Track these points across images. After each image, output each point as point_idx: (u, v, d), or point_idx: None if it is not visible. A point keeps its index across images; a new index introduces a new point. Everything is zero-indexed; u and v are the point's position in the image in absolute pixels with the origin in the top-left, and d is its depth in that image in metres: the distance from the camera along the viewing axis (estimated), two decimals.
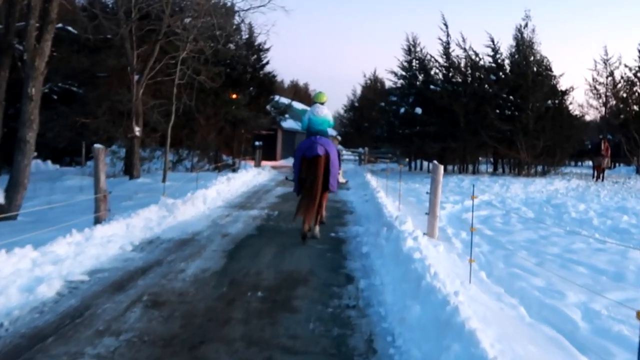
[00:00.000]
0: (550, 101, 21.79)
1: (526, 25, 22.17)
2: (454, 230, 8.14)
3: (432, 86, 23.32)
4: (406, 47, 25.17)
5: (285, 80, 57.48)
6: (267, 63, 25.51)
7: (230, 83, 21.38)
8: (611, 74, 27.83)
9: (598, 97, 28.68)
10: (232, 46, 21.47)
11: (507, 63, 22.77)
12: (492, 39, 22.57)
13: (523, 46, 22.09)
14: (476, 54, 22.83)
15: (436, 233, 7.02)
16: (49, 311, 3.89)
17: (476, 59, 22.89)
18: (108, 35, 14.97)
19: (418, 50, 24.99)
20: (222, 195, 11.08)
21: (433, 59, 24.17)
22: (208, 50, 15.84)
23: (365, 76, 58.00)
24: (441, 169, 7.12)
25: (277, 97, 29.27)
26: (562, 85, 26.54)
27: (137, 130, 14.80)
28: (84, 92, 19.27)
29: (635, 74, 26.14)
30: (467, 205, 11.36)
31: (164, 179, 14.03)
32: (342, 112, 50.04)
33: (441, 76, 23.91)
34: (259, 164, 23.36)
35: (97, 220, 6.94)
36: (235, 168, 19.95)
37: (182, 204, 8.44)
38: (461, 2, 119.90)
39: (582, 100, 73.27)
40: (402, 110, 24.56)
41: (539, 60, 22.26)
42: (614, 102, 27.66)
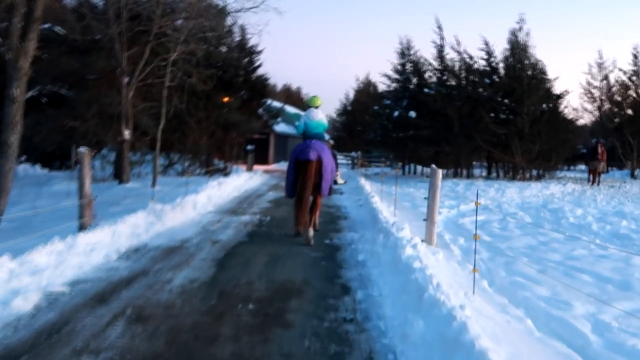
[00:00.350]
0: (545, 105, 21.65)
1: (521, 29, 22.03)
2: (452, 236, 7.89)
3: (426, 89, 23.14)
4: (400, 50, 24.97)
5: (277, 84, 57.52)
6: (260, 66, 25.17)
7: (222, 86, 21.04)
8: (606, 78, 27.81)
9: (593, 100, 28.63)
10: (224, 48, 21.20)
11: (501, 66, 22.56)
12: (487, 42, 22.41)
13: (517, 49, 21.90)
14: (470, 57, 22.67)
15: (434, 240, 6.80)
16: (24, 327, 3.61)
17: (470, 62, 22.72)
18: (97, 36, 14.65)
19: (412, 53, 24.76)
20: (213, 200, 10.81)
21: (427, 62, 23.98)
22: (199, 52, 15.54)
23: (358, 80, 58.03)
24: (439, 173, 6.90)
25: (269, 101, 29.01)
26: (556, 89, 26.50)
27: (127, 134, 14.49)
28: (73, 94, 18.87)
29: (629, 77, 26.06)
30: (463, 210, 11.16)
31: (153, 184, 13.70)
32: (334, 116, 49.76)
33: (435, 79, 23.69)
34: (251, 168, 23.11)
35: (81, 227, 6.62)
36: (227, 172, 19.66)
37: (171, 209, 8.18)
38: (455, 5, 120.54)
39: (577, 104, 73.86)
40: (395, 113, 24.39)
41: (534, 63, 22.07)
42: (608, 105, 27.60)
